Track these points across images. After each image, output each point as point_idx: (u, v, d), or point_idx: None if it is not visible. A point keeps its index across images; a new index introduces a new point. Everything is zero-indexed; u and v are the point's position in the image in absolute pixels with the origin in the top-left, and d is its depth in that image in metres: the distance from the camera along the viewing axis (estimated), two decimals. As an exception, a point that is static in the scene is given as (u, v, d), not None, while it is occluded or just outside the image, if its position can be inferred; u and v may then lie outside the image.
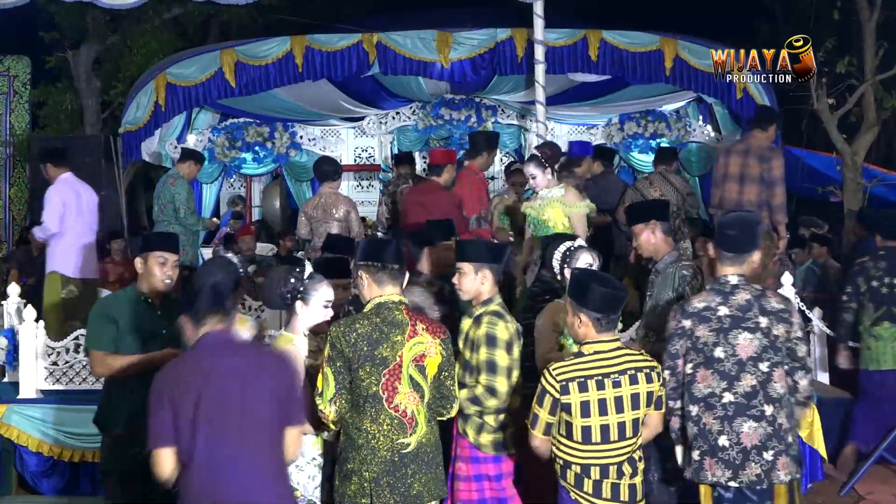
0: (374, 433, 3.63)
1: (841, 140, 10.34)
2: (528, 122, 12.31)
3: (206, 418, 3.16)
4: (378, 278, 3.80)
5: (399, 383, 3.67)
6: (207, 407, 3.17)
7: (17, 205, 13.97)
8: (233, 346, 3.34)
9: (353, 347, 3.64)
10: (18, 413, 6.31)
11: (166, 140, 11.68)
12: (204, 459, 3.16)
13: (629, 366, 3.86)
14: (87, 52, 13.80)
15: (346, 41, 10.60)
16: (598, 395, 3.77)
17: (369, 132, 13.22)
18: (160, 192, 8.02)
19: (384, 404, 3.64)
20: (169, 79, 10.71)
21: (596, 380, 3.78)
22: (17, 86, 14.21)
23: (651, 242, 4.96)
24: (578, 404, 3.76)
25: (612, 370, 3.82)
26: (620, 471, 3.82)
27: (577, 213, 6.31)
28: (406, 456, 3.66)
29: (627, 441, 3.84)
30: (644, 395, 3.86)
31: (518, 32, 10.30)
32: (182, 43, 14.07)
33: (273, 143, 12.56)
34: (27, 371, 6.40)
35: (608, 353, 3.85)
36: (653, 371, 3.90)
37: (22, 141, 13.77)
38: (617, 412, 3.80)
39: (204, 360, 3.27)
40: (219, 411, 3.18)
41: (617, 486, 3.81)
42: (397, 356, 3.67)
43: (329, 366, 3.65)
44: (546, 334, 4.80)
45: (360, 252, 3.90)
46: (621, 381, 3.81)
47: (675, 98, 11.96)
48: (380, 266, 3.78)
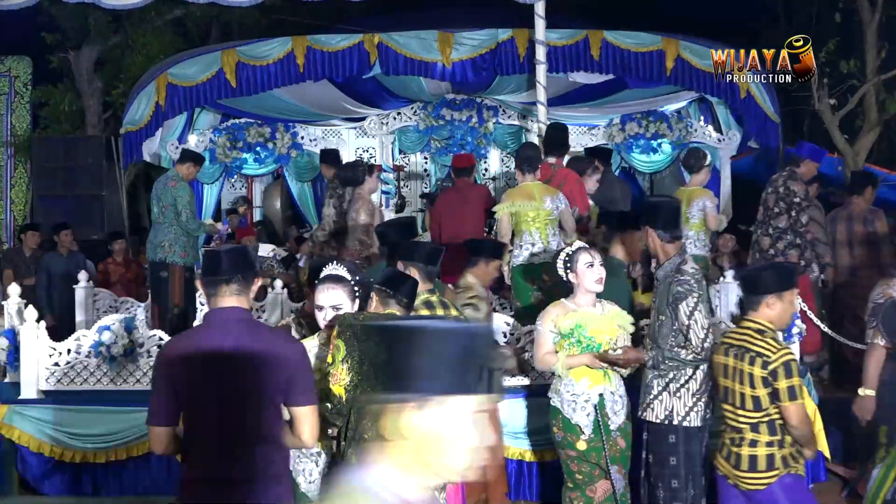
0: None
1: (842, 141, 10.34)
2: (529, 122, 12.30)
3: (205, 396, 3.14)
4: (385, 302, 4.10)
5: None
6: (206, 385, 3.14)
7: (17, 205, 13.99)
8: (239, 325, 3.21)
9: (360, 321, 3.78)
10: (19, 414, 6.29)
11: (167, 140, 11.68)
12: (202, 436, 3.16)
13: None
14: (88, 53, 13.82)
15: (347, 41, 10.60)
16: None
17: (370, 133, 13.22)
18: (160, 194, 8.01)
19: None
20: (170, 79, 10.72)
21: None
22: (19, 86, 14.23)
23: (652, 247, 4.84)
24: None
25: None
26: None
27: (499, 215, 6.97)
28: None
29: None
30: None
31: (519, 33, 10.29)
32: (184, 43, 14.10)
33: (274, 144, 12.56)
34: (28, 372, 6.39)
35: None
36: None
37: (23, 141, 13.79)
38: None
39: (207, 337, 3.21)
40: (217, 390, 3.14)
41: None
42: None
43: (340, 336, 3.71)
44: (545, 335, 4.82)
45: (379, 277, 4.22)
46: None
47: (676, 98, 11.96)
48: (391, 294, 4.10)
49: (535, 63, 9.29)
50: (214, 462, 3.14)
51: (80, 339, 6.46)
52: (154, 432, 3.21)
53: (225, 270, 3.20)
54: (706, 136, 12.24)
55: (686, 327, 4.43)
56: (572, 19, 11.89)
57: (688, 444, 4.50)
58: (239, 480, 3.14)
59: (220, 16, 14.29)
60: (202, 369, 3.15)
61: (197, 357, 3.16)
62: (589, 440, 4.72)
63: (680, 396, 4.49)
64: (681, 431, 4.48)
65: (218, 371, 3.15)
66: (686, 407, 4.48)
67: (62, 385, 6.44)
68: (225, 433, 3.14)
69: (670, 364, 4.47)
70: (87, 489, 6.34)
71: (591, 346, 4.68)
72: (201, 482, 3.17)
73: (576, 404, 4.71)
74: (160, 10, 13.22)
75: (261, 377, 3.15)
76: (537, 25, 9.12)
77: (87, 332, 6.50)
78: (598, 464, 4.73)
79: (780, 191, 7.67)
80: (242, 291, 3.24)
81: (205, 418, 3.14)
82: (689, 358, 4.44)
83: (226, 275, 3.20)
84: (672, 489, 4.51)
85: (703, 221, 7.40)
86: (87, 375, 6.42)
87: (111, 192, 11.80)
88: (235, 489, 3.14)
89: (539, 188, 7.02)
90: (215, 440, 3.14)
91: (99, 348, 6.35)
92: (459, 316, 4.67)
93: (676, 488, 4.49)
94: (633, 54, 10.36)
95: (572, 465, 4.79)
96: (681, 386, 4.48)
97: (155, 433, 3.21)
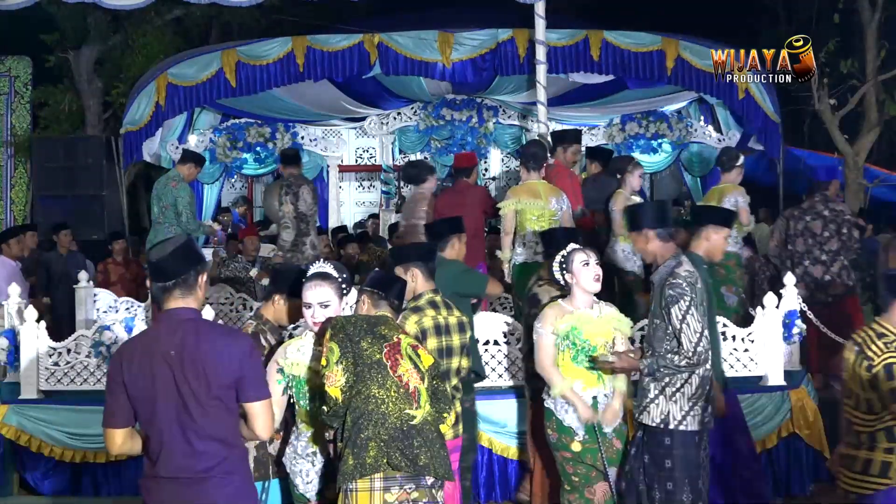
0: (383, 398, 3.75)
1: (842, 140, 10.34)
2: (529, 122, 12.30)
3: (158, 396, 3.20)
4: (377, 304, 4.11)
5: (400, 357, 3.83)
6: (158, 386, 3.20)
7: (18, 205, 13.98)
8: (187, 325, 3.27)
9: (353, 325, 3.84)
10: (20, 414, 6.30)
11: (167, 140, 11.68)
12: (157, 436, 3.22)
13: None
14: (88, 53, 13.82)
15: (347, 41, 10.60)
16: None
17: (370, 132, 13.23)
18: (161, 194, 8.00)
19: (388, 371, 3.78)
20: (170, 79, 10.72)
21: None
22: (19, 86, 14.22)
23: (649, 251, 4.72)
24: None
25: None
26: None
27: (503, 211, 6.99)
28: (413, 428, 3.76)
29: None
30: None
31: (519, 33, 10.29)
32: (183, 43, 14.09)
33: (274, 144, 12.57)
34: (28, 372, 6.39)
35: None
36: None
37: (23, 141, 13.78)
38: None
39: (156, 339, 3.27)
40: (168, 390, 3.20)
41: None
42: (394, 337, 3.87)
43: (333, 340, 3.78)
44: (546, 337, 4.80)
45: (369, 280, 4.21)
46: None
47: (676, 98, 11.96)
48: (383, 296, 4.12)
49: (535, 63, 9.29)
50: (171, 460, 3.22)
51: (80, 339, 6.46)
52: (110, 434, 3.28)
53: (168, 276, 3.27)
54: (706, 137, 12.25)
55: (678, 331, 4.40)
56: (572, 19, 11.90)
57: (683, 448, 4.47)
58: (195, 478, 3.21)
59: (219, 16, 14.29)
60: (152, 371, 3.21)
61: (146, 359, 3.23)
62: (584, 442, 4.70)
63: (676, 401, 4.46)
64: (677, 435, 4.46)
65: (167, 372, 3.21)
66: (682, 411, 4.46)
67: (62, 385, 6.44)
68: (178, 432, 3.21)
69: (665, 370, 4.45)
70: (87, 489, 6.34)
71: (587, 349, 4.66)
72: (159, 480, 3.24)
73: (569, 406, 4.69)
74: (160, 10, 13.22)
75: (208, 376, 3.21)
76: (537, 25, 9.11)
77: (87, 332, 6.50)
78: (595, 465, 4.71)
79: (825, 215, 7.70)
80: (188, 292, 3.30)
81: (158, 418, 3.22)
82: (683, 364, 4.39)
83: (169, 280, 3.27)
84: (667, 492, 4.49)
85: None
86: (87, 375, 6.42)
87: (111, 192, 11.79)
88: (192, 486, 3.22)
89: (545, 187, 7.01)
90: (169, 439, 3.21)
91: (99, 348, 6.35)
92: (462, 316, 4.67)
93: (671, 491, 4.49)
94: (633, 54, 10.35)
95: (568, 467, 4.78)
96: (676, 390, 4.45)
97: (111, 435, 3.28)
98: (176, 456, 3.20)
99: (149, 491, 3.28)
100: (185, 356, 3.19)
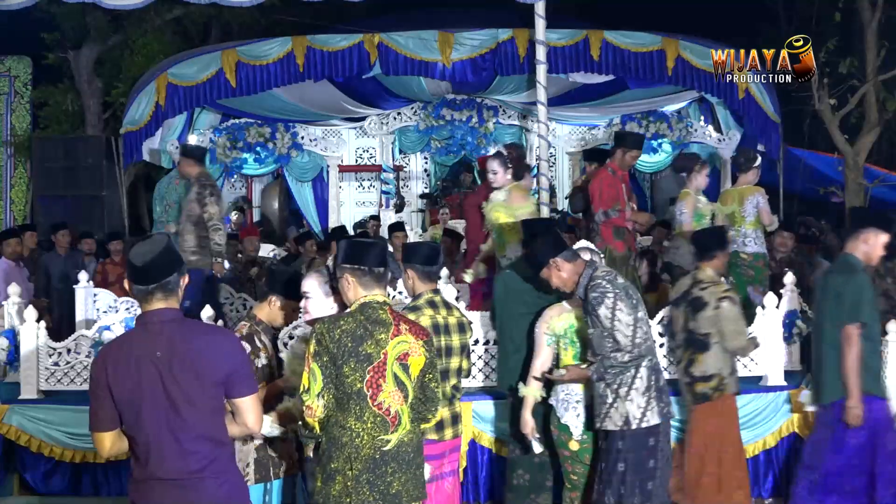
0: (359, 431, 3.61)
1: (842, 140, 10.33)
2: (529, 122, 12.30)
3: (145, 399, 3.18)
4: (363, 281, 3.77)
5: (383, 381, 3.65)
6: (144, 388, 3.18)
7: (17, 205, 13.98)
8: (171, 326, 3.26)
9: (336, 343, 3.61)
10: (20, 414, 6.29)
11: (167, 140, 11.68)
12: (143, 438, 3.20)
13: None
14: (88, 53, 13.82)
15: (347, 41, 10.61)
16: None
17: (370, 132, 13.23)
18: (164, 193, 7.99)
19: (368, 402, 3.62)
20: (170, 79, 10.72)
21: None
22: (19, 86, 14.23)
23: (563, 280, 4.67)
24: None
25: None
26: None
27: (522, 215, 6.47)
28: (386, 454, 3.64)
29: None
30: None
31: (519, 33, 10.29)
32: (183, 43, 14.11)
33: (274, 144, 12.57)
34: (28, 372, 6.39)
35: None
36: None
37: (23, 141, 13.78)
38: None
39: (139, 341, 3.25)
40: (154, 392, 3.18)
41: None
42: (381, 353, 3.65)
43: (315, 361, 3.62)
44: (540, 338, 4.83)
45: (343, 255, 3.83)
46: None
47: (676, 98, 11.96)
48: (365, 270, 3.77)
49: (535, 63, 9.28)
50: (161, 462, 3.20)
51: (80, 339, 6.46)
52: (99, 437, 3.26)
53: (151, 280, 3.26)
54: (706, 137, 12.25)
55: (611, 330, 4.44)
56: (572, 19, 11.89)
57: (635, 452, 4.51)
58: (189, 478, 3.20)
59: (219, 16, 14.29)
60: (137, 373, 3.19)
61: (131, 361, 3.21)
62: (581, 441, 4.74)
63: (632, 399, 4.49)
64: (629, 437, 4.49)
65: (153, 373, 3.19)
66: (640, 408, 4.49)
67: (62, 385, 6.44)
68: (167, 433, 3.20)
69: (612, 371, 4.48)
70: (87, 489, 6.34)
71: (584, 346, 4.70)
72: (149, 481, 3.23)
73: (567, 404, 4.73)
74: (160, 10, 13.22)
75: (196, 376, 3.21)
76: (537, 25, 9.10)
77: (87, 332, 6.49)
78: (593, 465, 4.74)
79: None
80: (169, 295, 3.29)
81: (145, 421, 3.20)
82: (626, 358, 4.45)
83: (150, 283, 3.26)
84: (620, 495, 4.54)
85: (758, 219, 7.32)
86: (87, 375, 6.40)
87: (111, 192, 11.80)
88: (187, 487, 3.21)
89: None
90: (158, 441, 3.20)
91: (99, 348, 6.34)
92: (462, 317, 4.65)
93: (623, 494, 4.52)
94: (633, 54, 10.36)
95: (567, 466, 4.82)
96: (629, 388, 4.49)
97: (100, 438, 3.26)
98: (166, 457, 3.18)
99: (139, 492, 3.26)
100: (174, 356, 3.18)
